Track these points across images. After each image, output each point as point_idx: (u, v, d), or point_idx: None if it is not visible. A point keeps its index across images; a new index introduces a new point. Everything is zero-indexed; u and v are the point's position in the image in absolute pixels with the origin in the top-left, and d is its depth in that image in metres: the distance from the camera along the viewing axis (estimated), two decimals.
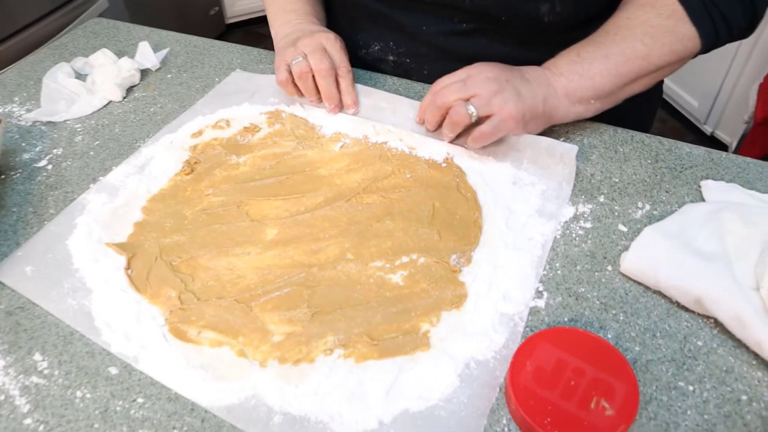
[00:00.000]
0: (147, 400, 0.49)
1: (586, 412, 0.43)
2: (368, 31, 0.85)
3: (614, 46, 0.64)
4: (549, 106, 0.65)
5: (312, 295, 0.54)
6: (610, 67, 0.64)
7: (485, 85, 0.63)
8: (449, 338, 0.50)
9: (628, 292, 0.54)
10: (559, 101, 0.65)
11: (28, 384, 0.50)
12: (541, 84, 0.65)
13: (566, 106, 0.66)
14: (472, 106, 0.63)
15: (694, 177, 0.65)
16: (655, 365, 0.49)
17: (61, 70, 0.86)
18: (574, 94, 0.65)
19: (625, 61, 0.64)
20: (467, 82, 0.64)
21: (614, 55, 0.64)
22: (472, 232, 0.59)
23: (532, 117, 0.64)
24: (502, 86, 0.63)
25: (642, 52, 0.63)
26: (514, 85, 0.63)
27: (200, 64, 0.89)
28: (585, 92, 0.65)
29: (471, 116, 0.63)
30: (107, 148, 0.75)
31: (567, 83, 0.65)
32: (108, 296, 0.56)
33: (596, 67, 0.64)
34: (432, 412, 0.46)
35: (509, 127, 0.64)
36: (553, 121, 0.67)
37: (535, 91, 0.64)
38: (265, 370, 0.49)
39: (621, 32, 0.65)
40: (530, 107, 0.63)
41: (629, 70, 0.64)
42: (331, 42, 0.74)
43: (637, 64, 0.64)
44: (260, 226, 0.61)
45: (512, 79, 0.64)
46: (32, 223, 0.65)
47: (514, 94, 0.63)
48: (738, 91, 1.75)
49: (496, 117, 0.63)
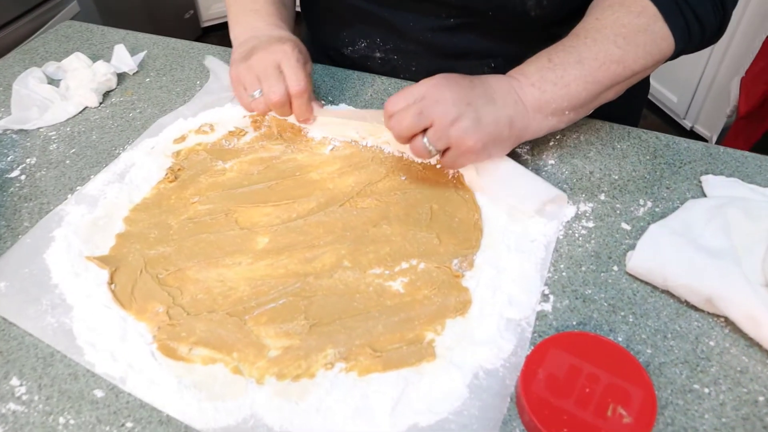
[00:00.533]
0: (137, 425, 0.45)
1: (604, 420, 0.42)
2: (354, 28, 0.82)
3: (587, 50, 0.60)
4: (516, 127, 0.59)
5: (309, 306, 0.52)
6: (585, 73, 0.59)
7: (443, 111, 0.56)
8: (456, 347, 0.48)
9: (636, 292, 0.53)
10: (530, 119, 0.60)
11: (5, 412, 0.47)
12: (507, 102, 0.59)
13: (538, 122, 0.60)
14: (428, 143, 0.57)
15: (693, 172, 0.63)
16: (668, 368, 0.47)
17: (32, 75, 0.82)
18: (548, 107, 0.59)
19: (599, 66, 0.59)
20: (423, 106, 0.56)
21: (588, 60, 0.59)
22: (473, 234, 0.57)
23: (494, 144, 0.58)
24: (461, 111, 0.56)
25: (616, 55, 0.59)
26: (476, 109, 0.57)
27: (180, 67, 0.86)
28: (560, 103, 0.59)
29: (430, 153, 0.58)
30: (84, 156, 0.71)
31: (540, 95, 0.59)
32: (90, 313, 0.53)
33: (571, 73, 0.59)
34: (442, 426, 0.44)
35: (469, 159, 0.59)
36: (524, 139, 0.62)
37: (499, 114, 0.58)
38: (262, 388, 0.46)
39: (591, 35, 0.60)
40: (491, 135, 0.57)
41: (605, 76, 0.60)
42: (286, 57, 0.67)
43: (612, 69, 0.60)
44: (251, 235, 0.58)
45: (474, 100, 0.57)
46: (5, 238, 0.61)
47: (473, 122, 0.56)
48: (717, 86, 1.76)
49: (454, 150, 0.57)
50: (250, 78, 0.67)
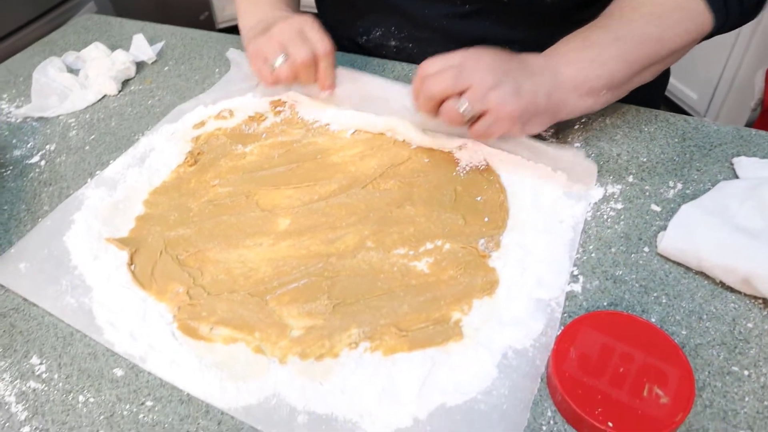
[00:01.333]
0: (157, 403, 0.45)
1: (640, 400, 0.40)
2: (369, 17, 0.82)
3: (624, 29, 0.58)
4: (554, 101, 0.57)
5: (332, 286, 0.50)
6: (621, 52, 0.57)
7: (481, 76, 0.54)
8: (483, 327, 0.47)
9: (668, 273, 0.51)
10: (567, 94, 0.57)
11: (26, 389, 0.46)
12: (545, 76, 0.57)
13: (575, 100, 0.58)
14: (465, 103, 0.54)
15: (724, 154, 0.61)
16: (704, 349, 0.45)
17: (52, 64, 0.82)
18: (584, 85, 0.57)
19: (638, 44, 0.58)
20: (461, 70, 0.55)
21: (624, 39, 0.58)
22: (499, 215, 0.55)
23: (533, 115, 0.56)
24: (500, 79, 0.54)
25: (654, 33, 0.58)
26: (514, 78, 0.55)
27: (198, 56, 0.86)
28: (597, 82, 0.57)
29: (464, 116, 0.55)
30: (104, 143, 0.71)
31: (576, 73, 0.57)
32: (110, 294, 0.52)
33: (608, 52, 0.57)
34: (471, 406, 0.42)
35: (505, 127, 0.56)
36: (560, 117, 0.59)
37: (538, 85, 0.56)
38: (285, 367, 0.45)
39: (627, 14, 0.59)
40: (530, 104, 0.55)
41: (642, 55, 0.58)
42: (308, 24, 0.67)
43: (650, 47, 0.58)
44: (272, 217, 0.57)
45: (512, 70, 0.56)
46: (25, 221, 0.61)
47: (513, 89, 0.54)
48: (739, 81, 1.73)
49: (491, 115, 0.55)
50: (272, 46, 0.66)
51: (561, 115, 0.59)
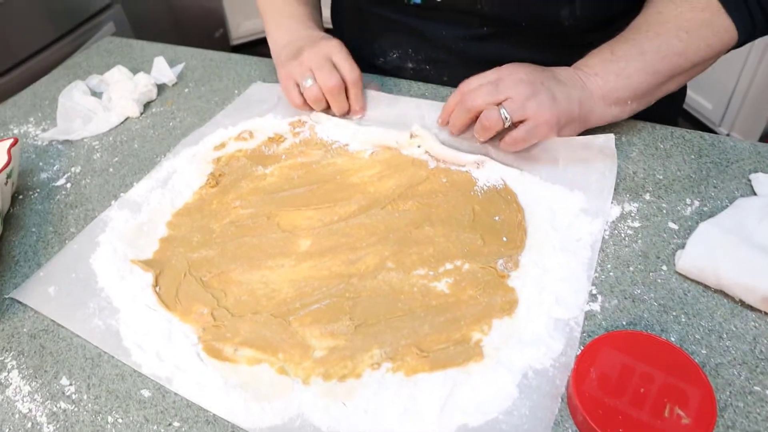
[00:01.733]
0: (183, 424, 0.45)
1: (661, 421, 0.40)
2: (386, 40, 0.83)
3: (648, 43, 0.61)
4: (585, 109, 0.61)
5: (353, 307, 0.51)
6: (646, 65, 0.61)
7: (518, 88, 0.59)
8: (503, 347, 0.47)
9: (687, 292, 0.51)
10: (595, 103, 0.62)
11: (56, 410, 0.47)
12: (575, 86, 0.61)
13: (602, 108, 0.62)
14: (505, 111, 0.60)
15: (741, 171, 0.62)
16: (725, 369, 0.46)
17: (77, 88, 0.84)
18: (610, 96, 0.62)
19: (662, 58, 0.60)
20: (498, 84, 0.61)
21: (650, 53, 0.61)
22: (518, 235, 0.56)
23: (567, 121, 0.61)
24: (536, 89, 0.59)
25: (678, 48, 0.60)
26: (549, 87, 0.60)
27: (218, 78, 0.88)
28: (622, 93, 0.61)
29: (504, 122, 0.60)
30: (127, 164, 0.72)
31: (603, 84, 0.61)
32: (136, 315, 0.53)
33: (632, 65, 0.61)
34: (492, 426, 0.43)
35: (543, 133, 0.60)
36: (589, 124, 0.63)
37: (570, 94, 0.61)
38: (309, 388, 0.46)
39: (654, 28, 0.62)
40: (565, 111, 0.60)
41: (666, 68, 0.61)
42: (336, 50, 0.71)
43: (674, 60, 0.61)
44: (293, 237, 0.58)
45: (546, 80, 0.60)
46: (53, 243, 0.62)
47: (549, 98, 0.59)
48: (754, 91, 1.72)
49: (531, 122, 0.60)
50: (302, 71, 0.70)
51: (591, 123, 0.63)
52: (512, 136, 0.61)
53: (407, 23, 0.78)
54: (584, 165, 0.62)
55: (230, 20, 2.80)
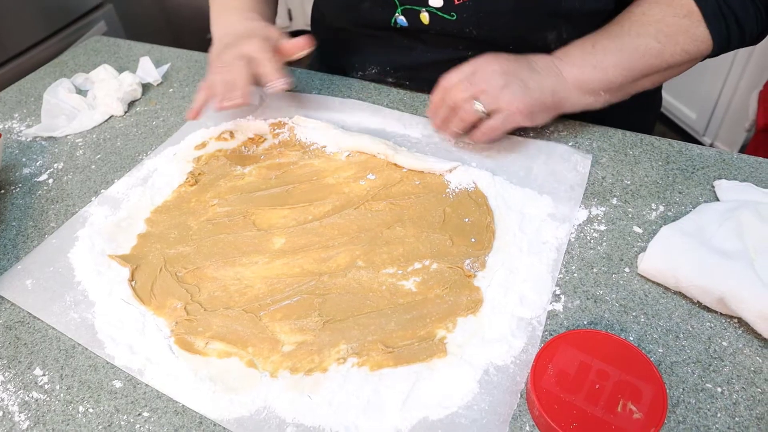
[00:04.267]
0: (153, 414, 0.47)
1: (614, 415, 0.42)
2: (365, 55, 0.83)
3: (629, 41, 0.64)
4: (558, 97, 0.65)
5: (323, 304, 0.53)
6: (623, 61, 0.64)
7: (492, 80, 0.63)
8: (466, 344, 0.49)
9: (648, 293, 0.53)
10: (570, 92, 0.65)
11: (28, 399, 0.48)
12: (549, 74, 0.65)
13: (577, 96, 0.66)
14: (479, 104, 0.63)
15: (706, 177, 0.63)
16: (680, 367, 0.47)
17: (62, 85, 0.85)
18: (585, 86, 0.65)
19: (639, 57, 0.64)
20: (474, 77, 0.64)
21: (629, 50, 0.64)
22: (485, 236, 0.57)
23: (540, 109, 0.64)
24: (509, 80, 0.62)
25: (656, 49, 0.63)
26: (521, 78, 0.63)
27: (202, 78, 0.88)
28: (597, 84, 0.65)
29: (479, 114, 0.63)
30: (109, 162, 0.73)
31: (579, 74, 0.65)
32: (111, 309, 0.54)
33: (610, 59, 0.64)
34: (452, 419, 0.44)
35: (517, 121, 0.64)
36: (563, 110, 0.67)
37: (543, 83, 0.64)
38: (276, 381, 0.47)
39: (636, 28, 0.64)
40: (538, 100, 0.63)
41: (642, 66, 0.64)
42: (256, 48, 0.67)
43: (650, 61, 0.64)
44: (267, 236, 0.60)
45: (519, 71, 0.64)
46: (32, 237, 0.63)
47: (521, 87, 0.62)
48: (736, 101, 1.75)
49: (504, 112, 0.63)
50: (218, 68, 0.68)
51: (564, 110, 0.67)
52: (488, 124, 0.64)
53: (392, 45, 0.79)
54: (556, 176, 0.64)
55: None
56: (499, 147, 0.68)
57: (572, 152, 0.66)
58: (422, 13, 0.72)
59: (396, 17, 0.74)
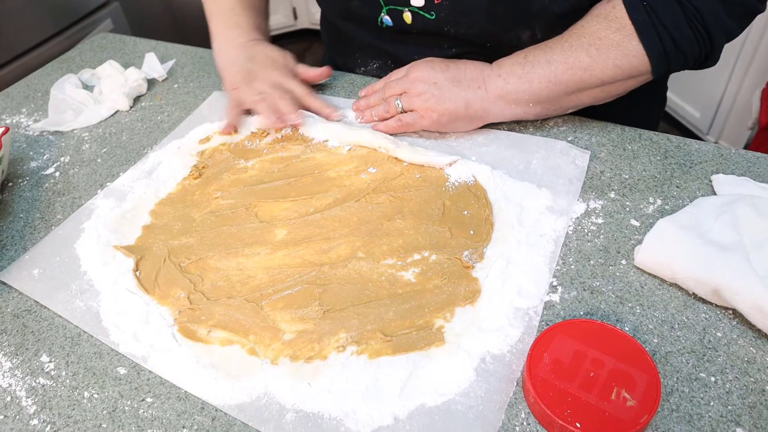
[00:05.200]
0: (156, 400, 0.48)
1: (607, 403, 0.42)
2: (364, 53, 0.87)
3: (560, 54, 0.64)
4: (474, 108, 0.67)
5: (323, 293, 0.53)
6: (549, 73, 0.64)
7: (415, 84, 0.69)
8: (464, 333, 0.49)
9: (644, 285, 0.53)
10: (490, 103, 0.67)
11: (35, 385, 0.49)
12: (471, 87, 0.67)
13: (500, 107, 0.67)
14: (399, 102, 0.70)
15: (704, 172, 0.64)
16: (674, 357, 0.48)
17: (69, 81, 0.86)
18: (508, 96, 0.66)
19: (567, 69, 0.63)
20: (404, 79, 0.71)
21: (557, 62, 0.64)
22: (484, 228, 0.58)
23: (450, 119, 0.68)
24: (428, 88, 0.68)
25: (585, 63, 0.63)
26: (440, 87, 0.67)
27: (206, 74, 0.90)
28: (521, 95, 0.66)
29: (398, 110, 0.70)
30: (114, 156, 0.75)
31: (503, 85, 0.66)
32: (116, 298, 0.55)
33: (537, 71, 0.64)
34: (449, 406, 0.45)
35: (424, 125, 0.70)
36: (487, 120, 0.70)
37: (458, 95, 0.67)
38: (276, 368, 0.48)
39: (570, 40, 0.64)
40: (448, 111, 0.67)
41: (570, 80, 0.64)
42: (284, 76, 0.76)
43: (579, 75, 0.63)
44: (269, 227, 0.61)
45: (442, 82, 0.68)
46: (39, 228, 0.65)
47: (436, 97, 0.67)
48: (740, 100, 1.75)
49: (415, 114, 0.69)
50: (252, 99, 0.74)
51: (489, 119, 0.70)
52: (399, 117, 0.71)
53: (381, 46, 0.81)
54: (555, 170, 0.64)
55: None
56: (499, 143, 0.69)
57: (571, 147, 0.67)
58: (405, 12, 0.73)
59: (382, 17, 0.75)
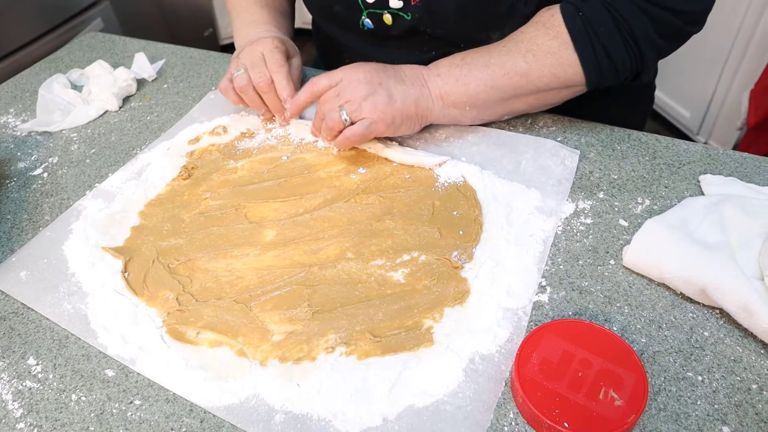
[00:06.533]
0: (144, 402, 0.47)
1: (595, 402, 0.43)
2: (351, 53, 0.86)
3: (497, 58, 0.64)
4: (422, 107, 0.65)
5: (312, 294, 0.53)
6: (486, 77, 0.64)
7: (356, 90, 0.63)
8: (453, 334, 0.50)
9: (632, 285, 0.54)
10: (434, 103, 0.66)
11: (22, 388, 0.49)
12: (415, 84, 0.65)
13: (441, 109, 0.66)
14: (344, 112, 0.64)
15: (692, 172, 0.64)
16: (662, 356, 0.48)
17: (57, 81, 0.86)
18: (447, 98, 0.66)
19: (503, 74, 0.64)
20: (340, 87, 0.65)
21: (494, 66, 0.64)
22: (473, 229, 0.58)
23: (403, 119, 0.65)
24: (374, 89, 0.63)
25: (522, 68, 0.63)
26: (386, 88, 0.64)
27: (196, 74, 0.90)
28: (458, 97, 0.65)
29: (344, 122, 0.64)
30: (103, 156, 0.74)
31: (442, 85, 0.65)
32: (104, 299, 0.55)
33: (474, 74, 0.64)
34: (437, 407, 0.45)
35: (379, 130, 0.64)
36: (429, 121, 0.68)
37: (407, 93, 0.64)
38: (265, 370, 0.48)
39: (509, 45, 0.65)
40: (400, 110, 0.64)
41: (506, 84, 0.64)
42: (268, 48, 0.73)
43: (515, 80, 0.64)
44: (259, 228, 0.61)
45: (385, 81, 0.64)
46: (27, 230, 0.64)
47: (385, 97, 0.63)
48: (729, 101, 1.76)
49: (366, 120, 0.63)
50: (238, 66, 0.72)
51: (430, 120, 0.68)
52: (351, 129, 0.64)
53: (363, 48, 0.81)
54: (544, 170, 0.65)
55: (219, 20, 2.81)
56: (488, 142, 0.69)
57: (560, 147, 0.67)
58: (385, 14, 0.73)
59: (362, 20, 0.75)
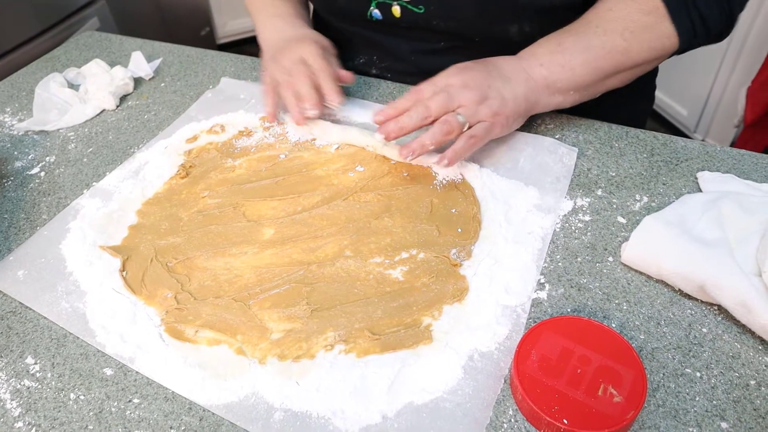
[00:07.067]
0: (143, 401, 0.47)
1: (594, 399, 0.43)
2: (353, 47, 0.87)
3: (595, 39, 0.64)
4: (530, 102, 0.65)
5: (311, 292, 0.53)
6: (590, 59, 0.64)
7: (468, 94, 0.61)
8: (452, 331, 0.50)
9: (631, 281, 0.54)
10: (540, 94, 0.65)
11: (20, 387, 0.49)
12: (520, 80, 0.64)
13: (546, 97, 0.66)
14: (461, 116, 0.61)
15: (690, 169, 0.65)
16: (660, 353, 0.48)
17: (54, 80, 0.85)
18: (554, 86, 0.65)
19: (605, 54, 0.64)
20: (451, 92, 0.62)
21: (595, 48, 0.64)
22: (472, 226, 0.58)
23: (515, 118, 0.65)
24: (485, 93, 0.62)
25: (622, 47, 0.63)
26: (496, 89, 0.63)
27: (194, 73, 0.89)
28: (566, 84, 0.65)
29: (462, 126, 0.61)
30: (101, 155, 0.74)
31: (548, 75, 0.64)
32: (102, 298, 0.55)
33: (577, 58, 0.64)
34: (437, 404, 0.45)
35: (497, 132, 0.64)
36: (534, 112, 0.67)
37: (516, 91, 0.64)
38: (264, 368, 0.48)
39: (603, 24, 0.65)
40: (513, 110, 0.63)
41: (609, 64, 0.64)
42: (311, 53, 0.72)
43: (617, 58, 0.64)
44: (257, 227, 0.60)
45: (492, 82, 0.63)
46: (24, 229, 0.64)
47: (499, 100, 0.62)
48: (726, 98, 1.77)
49: (486, 123, 0.62)
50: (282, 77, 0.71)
51: (536, 111, 0.67)
52: (469, 134, 0.62)
53: (371, 37, 0.81)
54: (542, 167, 0.65)
55: (216, 19, 2.81)
56: None
57: (558, 145, 0.67)
58: (394, 6, 0.73)
59: (371, 11, 0.75)
